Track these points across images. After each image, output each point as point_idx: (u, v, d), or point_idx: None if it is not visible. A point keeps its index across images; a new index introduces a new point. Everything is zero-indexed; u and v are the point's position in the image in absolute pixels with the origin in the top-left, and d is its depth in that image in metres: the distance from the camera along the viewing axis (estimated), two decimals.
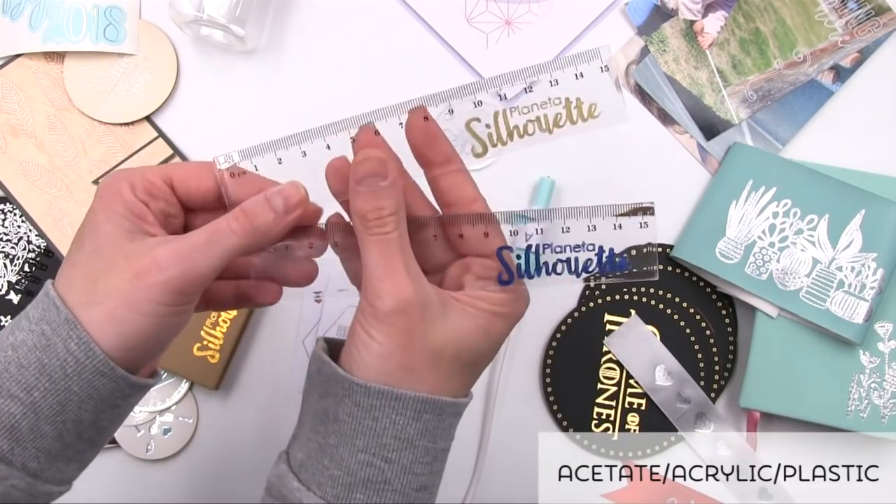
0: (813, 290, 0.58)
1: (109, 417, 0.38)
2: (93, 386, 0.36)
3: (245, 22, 0.57)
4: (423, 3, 0.62)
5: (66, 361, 0.35)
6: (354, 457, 0.36)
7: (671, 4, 0.62)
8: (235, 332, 0.59)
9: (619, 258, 0.38)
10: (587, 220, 0.38)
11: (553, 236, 0.38)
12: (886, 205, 0.57)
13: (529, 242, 0.38)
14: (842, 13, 0.61)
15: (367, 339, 0.36)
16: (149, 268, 0.35)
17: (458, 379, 0.38)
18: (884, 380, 0.58)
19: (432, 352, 0.36)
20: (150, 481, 0.61)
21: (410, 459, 0.37)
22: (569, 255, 0.38)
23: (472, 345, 0.37)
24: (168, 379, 0.60)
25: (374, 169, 0.36)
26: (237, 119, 0.62)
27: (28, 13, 0.60)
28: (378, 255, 0.36)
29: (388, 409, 0.36)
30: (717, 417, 0.61)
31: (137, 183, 0.37)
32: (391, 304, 0.35)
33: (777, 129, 0.62)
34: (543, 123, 0.37)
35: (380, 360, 0.36)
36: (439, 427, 0.37)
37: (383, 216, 0.36)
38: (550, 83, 0.37)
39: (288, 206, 0.37)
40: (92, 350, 0.35)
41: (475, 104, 0.37)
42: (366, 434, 0.36)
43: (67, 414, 0.36)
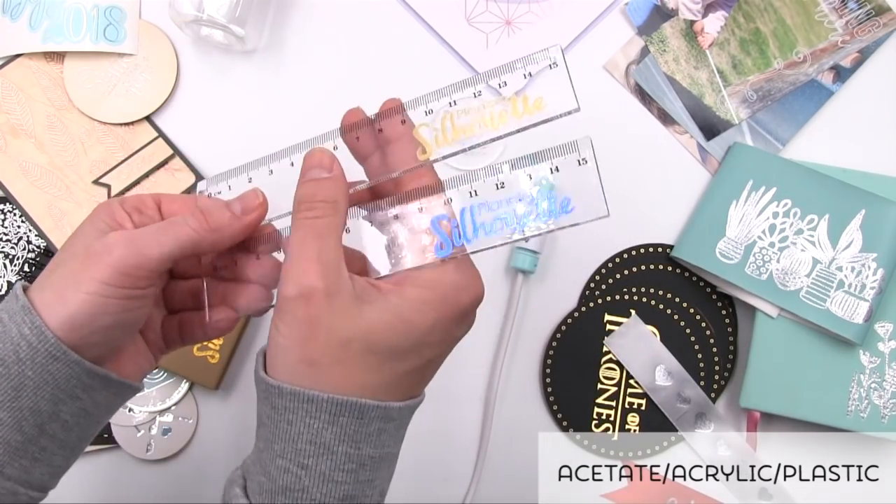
0: (813, 290, 0.58)
1: (72, 411, 0.37)
2: (47, 370, 0.35)
3: (245, 22, 0.57)
4: (423, 3, 0.62)
5: (19, 346, 0.35)
6: (273, 462, 0.35)
7: (671, 4, 0.62)
8: (235, 332, 0.59)
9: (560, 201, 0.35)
10: (521, 171, 0.36)
11: (487, 195, 0.36)
12: (886, 205, 0.57)
13: (464, 206, 0.36)
14: (842, 13, 0.61)
15: (273, 333, 0.35)
16: (99, 250, 0.36)
17: (375, 376, 0.35)
18: (884, 380, 0.58)
19: (337, 344, 0.34)
20: (150, 481, 0.61)
21: (329, 467, 0.34)
22: (505, 210, 0.36)
23: (388, 337, 0.34)
24: (168, 379, 0.60)
25: (319, 160, 0.36)
26: (237, 119, 0.62)
27: (28, 13, 0.60)
28: (295, 239, 0.35)
29: (302, 411, 0.34)
30: (717, 417, 0.61)
31: (128, 199, 0.39)
32: (294, 291, 0.34)
33: (777, 129, 0.62)
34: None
35: (283, 353, 0.34)
36: (361, 432, 0.35)
37: (313, 201, 0.35)
38: (499, 86, 0.36)
39: (245, 209, 0.38)
40: (44, 334, 0.35)
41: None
42: (283, 439, 0.34)
43: (23, 400, 0.35)
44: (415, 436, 0.62)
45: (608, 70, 0.62)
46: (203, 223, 0.37)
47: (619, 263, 0.62)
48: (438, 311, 0.35)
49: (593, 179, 0.35)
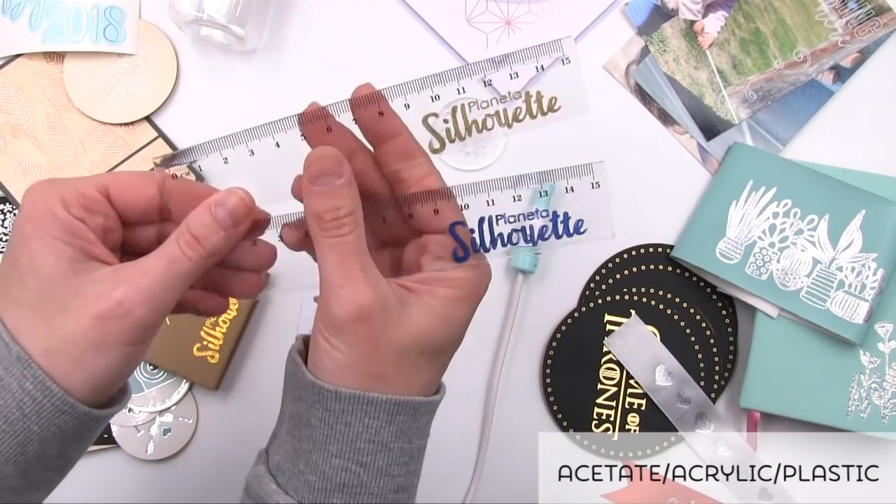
0: (813, 291, 0.58)
1: (76, 447, 0.37)
2: (54, 424, 0.34)
3: (245, 22, 0.57)
4: (423, 2, 0.62)
5: (22, 401, 0.33)
6: (329, 462, 0.35)
7: (671, 4, 0.62)
8: (235, 332, 0.59)
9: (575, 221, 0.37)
10: (538, 187, 0.37)
11: (505, 206, 0.37)
12: (887, 205, 0.57)
13: (482, 215, 0.37)
14: (842, 13, 0.61)
15: (329, 349, 0.35)
16: (112, 310, 0.33)
17: (427, 374, 0.37)
18: (884, 380, 0.58)
19: (399, 354, 0.35)
20: (150, 481, 0.61)
21: (386, 462, 0.36)
22: (523, 224, 0.37)
23: (435, 337, 0.36)
24: (168, 379, 0.60)
25: (329, 167, 0.34)
26: (237, 119, 0.61)
27: (28, 13, 0.60)
28: (334, 259, 0.34)
29: (361, 413, 0.35)
30: (718, 417, 0.61)
31: (70, 198, 0.34)
32: (351, 312, 0.34)
33: (777, 129, 0.62)
34: (503, 118, 0.36)
35: (346, 370, 0.35)
36: (413, 427, 0.37)
37: (339, 217, 0.34)
38: (510, 76, 0.36)
39: (236, 220, 0.36)
40: (49, 389, 0.33)
41: (432, 98, 0.36)
42: (339, 439, 0.35)
43: (29, 454, 0.34)
44: None
45: (608, 70, 0.62)
46: (201, 252, 0.35)
47: (619, 263, 0.62)
48: (468, 305, 0.37)
49: (605, 204, 0.37)
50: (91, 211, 0.35)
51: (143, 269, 0.34)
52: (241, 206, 0.36)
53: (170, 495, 0.61)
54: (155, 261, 0.35)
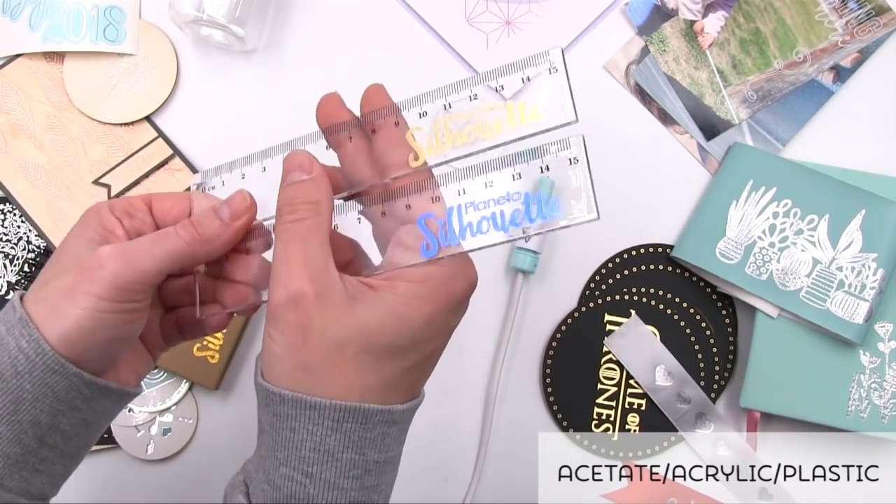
0: (813, 291, 0.58)
1: (71, 421, 0.37)
2: (46, 384, 0.35)
3: (245, 22, 0.57)
4: (423, 3, 0.62)
5: (17, 359, 0.35)
6: (277, 471, 0.34)
7: (671, 4, 0.62)
8: (235, 332, 0.59)
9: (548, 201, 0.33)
10: (510, 170, 0.34)
11: (475, 193, 0.35)
12: (887, 205, 0.57)
13: (450, 205, 0.34)
14: (842, 13, 0.61)
15: (267, 340, 0.34)
16: (92, 264, 0.35)
17: (374, 377, 0.34)
18: (884, 380, 0.58)
19: (332, 347, 0.33)
20: (150, 481, 0.61)
21: (334, 474, 0.34)
22: (493, 210, 0.34)
23: (384, 335, 0.33)
24: (168, 379, 0.60)
25: (299, 162, 0.35)
26: (237, 119, 0.62)
27: (28, 13, 0.60)
28: (280, 244, 0.34)
29: (304, 418, 0.33)
30: (718, 417, 0.61)
31: (117, 203, 0.39)
32: (283, 297, 0.33)
33: (777, 129, 0.62)
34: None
35: (278, 360, 0.34)
36: (366, 437, 0.34)
37: (294, 204, 0.34)
38: (496, 89, 0.34)
39: (234, 214, 0.37)
40: (42, 347, 0.35)
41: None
42: (285, 446, 0.34)
43: (22, 414, 0.35)
44: (415, 436, 0.62)
45: (608, 70, 0.62)
46: (194, 234, 0.37)
47: (619, 263, 0.62)
48: (433, 304, 0.34)
49: (584, 180, 0.33)
50: (130, 215, 0.39)
51: (134, 240, 0.37)
52: (241, 201, 0.38)
53: (170, 495, 0.61)
54: (147, 235, 0.37)
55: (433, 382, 0.64)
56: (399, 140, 0.36)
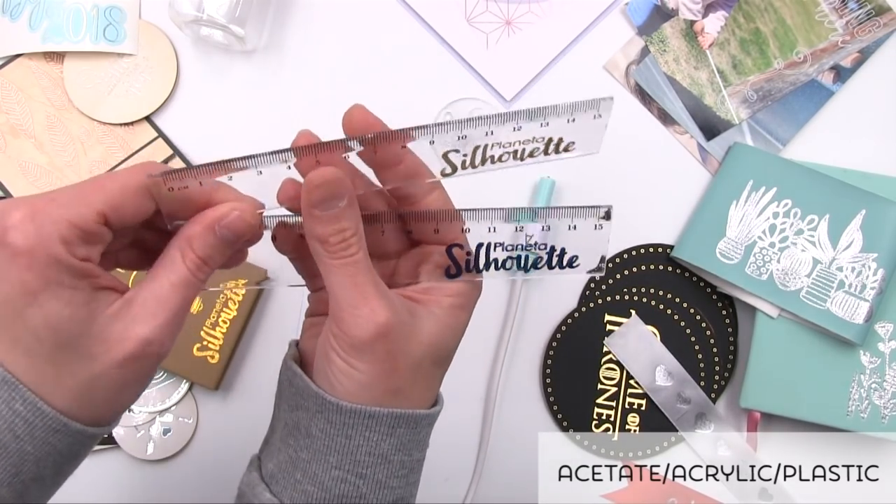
0: (813, 291, 0.58)
1: (73, 464, 0.36)
2: (48, 443, 0.33)
3: (245, 22, 0.57)
4: (423, 3, 0.62)
5: (13, 423, 0.32)
6: (328, 473, 0.35)
7: (671, 4, 0.62)
8: (235, 332, 0.59)
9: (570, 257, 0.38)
10: (542, 221, 0.37)
11: (505, 236, 0.38)
12: (887, 205, 0.57)
13: (481, 241, 0.38)
14: (842, 13, 0.61)
15: (347, 370, 0.35)
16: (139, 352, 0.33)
17: (435, 384, 0.38)
18: (884, 380, 0.58)
19: (415, 368, 0.36)
20: (150, 481, 0.61)
21: (385, 474, 0.36)
22: (520, 254, 0.38)
23: (444, 346, 0.37)
24: (168, 379, 0.60)
25: (331, 192, 0.33)
26: (237, 119, 0.62)
27: (28, 13, 0.60)
28: (346, 280, 0.34)
29: (362, 426, 0.35)
30: (718, 418, 0.61)
31: (71, 237, 0.32)
32: (371, 332, 0.34)
33: (777, 129, 0.62)
34: (518, 154, 0.36)
35: (364, 388, 0.35)
36: (414, 440, 0.37)
37: (347, 238, 0.34)
38: (541, 124, 0.36)
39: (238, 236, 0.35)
40: (41, 409, 0.32)
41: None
42: (339, 451, 0.35)
43: (25, 475, 0.33)
44: None
45: (608, 70, 0.62)
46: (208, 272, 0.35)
47: (619, 263, 0.62)
48: (467, 311, 0.38)
49: (602, 244, 0.37)
50: (93, 244, 0.33)
51: (159, 300, 0.34)
52: (241, 224, 0.35)
53: (170, 495, 0.61)
54: (169, 288, 0.34)
55: None
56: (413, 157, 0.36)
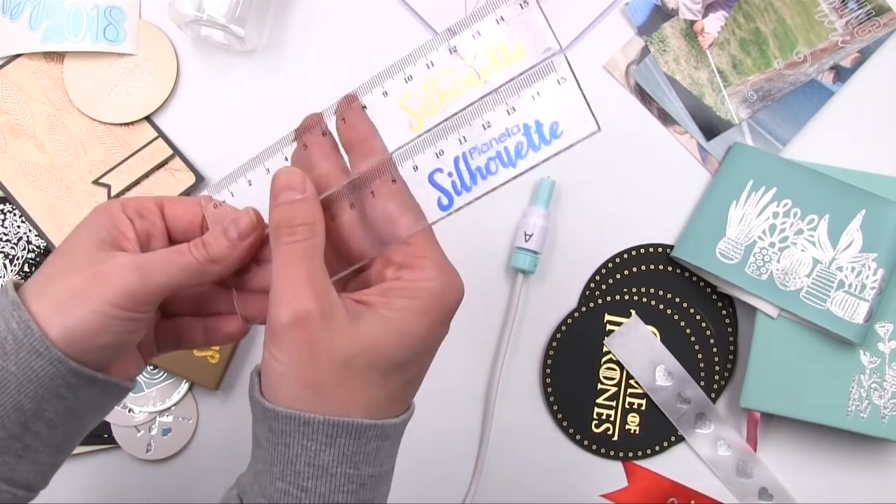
0: (813, 291, 0.58)
1: (56, 410, 0.37)
2: (30, 367, 0.35)
3: (245, 22, 0.57)
4: (423, 3, 0.62)
5: (5, 339, 0.35)
6: (273, 485, 0.34)
7: (671, 4, 0.62)
8: None
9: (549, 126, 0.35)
10: (504, 106, 0.35)
11: (477, 138, 0.36)
12: (887, 205, 0.57)
13: (455, 154, 0.35)
14: (842, 13, 0.61)
15: (269, 359, 0.34)
16: (108, 271, 0.36)
17: (377, 392, 0.35)
18: (884, 380, 0.58)
19: (340, 364, 0.33)
20: (150, 481, 0.61)
21: (329, 488, 0.34)
22: (497, 149, 0.35)
23: (389, 351, 0.34)
24: (168, 379, 0.60)
25: (290, 182, 0.35)
26: (237, 119, 0.62)
27: (28, 13, 0.60)
28: (281, 264, 0.35)
29: (299, 434, 0.34)
30: (718, 417, 0.61)
31: (130, 203, 0.39)
32: (288, 316, 0.33)
33: (777, 129, 0.62)
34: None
35: (283, 380, 0.34)
36: (360, 452, 0.34)
37: (293, 225, 0.35)
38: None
39: (241, 234, 0.38)
40: (30, 328, 0.35)
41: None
42: (281, 461, 0.34)
43: (5, 397, 0.35)
44: (415, 436, 0.62)
45: (608, 70, 0.62)
46: (204, 254, 0.37)
47: (619, 263, 0.62)
48: (430, 317, 0.35)
49: (576, 97, 0.34)
50: (142, 216, 0.39)
51: (150, 253, 0.38)
52: (247, 223, 0.38)
53: (170, 495, 0.61)
54: (162, 249, 0.38)
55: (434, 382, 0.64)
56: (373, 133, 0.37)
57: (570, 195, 0.62)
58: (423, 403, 0.63)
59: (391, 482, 0.38)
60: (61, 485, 0.41)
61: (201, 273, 0.38)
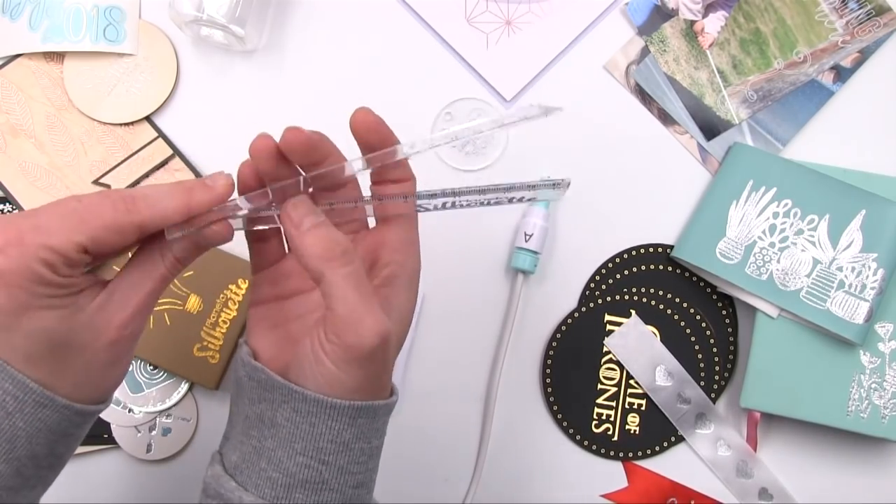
0: (813, 291, 0.58)
1: (66, 444, 0.38)
2: (38, 419, 0.36)
3: (245, 22, 0.57)
4: (423, 3, 0.62)
5: (4, 401, 0.35)
6: (293, 459, 0.37)
7: (671, 4, 0.62)
8: (235, 332, 0.59)
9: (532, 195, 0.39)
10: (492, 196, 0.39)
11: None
12: (887, 205, 0.57)
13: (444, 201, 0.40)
14: (842, 13, 0.61)
15: (339, 375, 0.36)
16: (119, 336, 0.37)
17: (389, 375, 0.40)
18: (884, 380, 0.58)
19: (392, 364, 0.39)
20: (150, 481, 0.61)
21: (347, 461, 0.38)
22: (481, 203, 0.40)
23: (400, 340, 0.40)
24: (168, 379, 0.60)
25: (307, 209, 0.37)
26: (237, 119, 0.62)
27: (28, 13, 0.60)
28: (352, 291, 0.35)
29: (324, 415, 0.37)
30: (718, 418, 0.61)
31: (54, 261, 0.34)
32: (374, 342, 0.36)
33: (777, 129, 0.62)
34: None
35: (347, 391, 0.37)
36: (373, 428, 0.39)
37: (346, 252, 0.36)
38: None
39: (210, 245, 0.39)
40: (27, 385, 0.35)
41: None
42: (304, 438, 0.37)
43: (19, 451, 0.36)
44: (415, 436, 0.62)
45: (608, 70, 0.62)
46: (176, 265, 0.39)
47: (619, 263, 0.62)
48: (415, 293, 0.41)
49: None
50: (75, 266, 0.35)
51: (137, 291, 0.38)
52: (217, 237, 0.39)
53: (170, 495, 0.61)
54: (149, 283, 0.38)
55: (434, 382, 0.64)
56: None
57: (570, 195, 0.62)
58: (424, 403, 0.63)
59: None
60: (62, 485, 0.41)
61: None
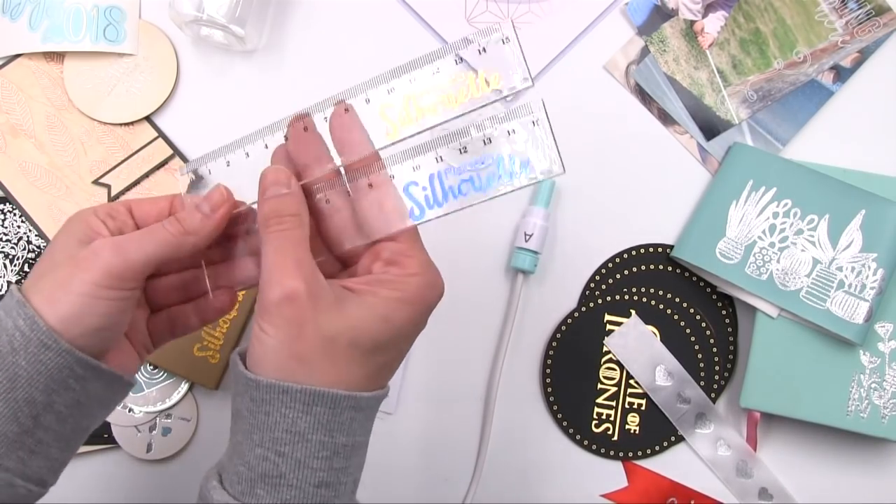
0: (813, 291, 0.58)
1: (65, 401, 0.39)
2: (40, 360, 0.37)
3: (245, 22, 0.57)
4: (423, 2, 0.62)
5: (13, 337, 0.37)
6: (252, 451, 0.37)
7: (671, 4, 0.62)
8: (235, 332, 0.59)
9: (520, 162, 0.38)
10: (481, 134, 0.38)
11: (453, 159, 0.39)
12: (887, 205, 0.57)
13: (431, 172, 0.39)
14: (842, 13, 0.61)
15: (259, 334, 0.37)
16: (86, 256, 0.38)
17: (360, 369, 0.38)
18: (884, 380, 0.58)
19: (325, 340, 0.36)
20: (150, 481, 0.61)
21: (304, 454, 0.37)
22: (471, 174, 0.39)
23: (371, 333, 0.37)
24: (168, 379, 0.60)
25: (277, 179, 0.39)
26: (237, 119, 0.62)
27: (28, 13, 0.60)
28: (271, 249, 0.38)
29: (278, 402, 0.36)
30: (717, 417, 0.61)
31: (100, 208, 0.42)
32: (279, 294, 0.36)
33: (777, 129, 0.62)
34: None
35: (272, 353, 0.36)
36: (334, 421, 0.37)
37: (282, 215, 0.38)
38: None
39: (213, 207, 0.41)
40: (36, 323, 0.37)
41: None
42: (261, 429, 0.37)
43: (18, 391, 0.37)
44: (415, 436, 0.62)
45: (608, 70, 0.62)
46: (179, 228, 0.40)
47: (619, 263, 0.62)
48: (411, 308, 0.38)
49: (548, 139, 0.37)
50: (113, 218, 0.42)
51: (125, 235, 0.40)
52: (218, 196, 0.41)
53: (170, 495, 0.61)
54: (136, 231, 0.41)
55: (433, 383, 0.64)
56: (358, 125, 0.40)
57: (570, 195, 0.62)
58: (424, 403, 0.63)
59: (365, 457, 0.41)
60: (62, 485, 0.41)
61: (177, 245, 0.40)
